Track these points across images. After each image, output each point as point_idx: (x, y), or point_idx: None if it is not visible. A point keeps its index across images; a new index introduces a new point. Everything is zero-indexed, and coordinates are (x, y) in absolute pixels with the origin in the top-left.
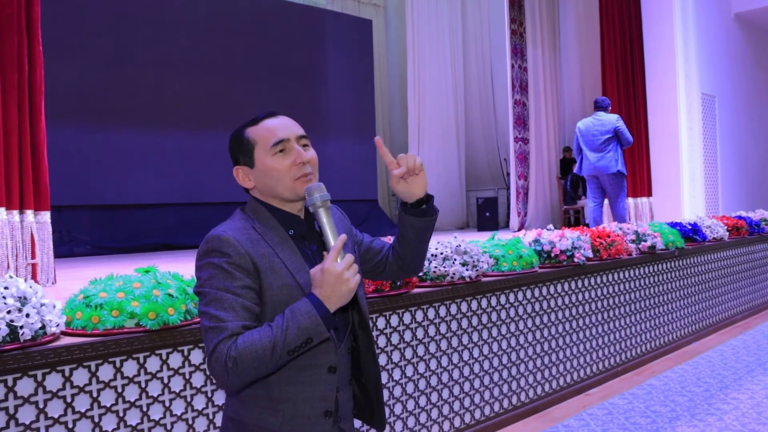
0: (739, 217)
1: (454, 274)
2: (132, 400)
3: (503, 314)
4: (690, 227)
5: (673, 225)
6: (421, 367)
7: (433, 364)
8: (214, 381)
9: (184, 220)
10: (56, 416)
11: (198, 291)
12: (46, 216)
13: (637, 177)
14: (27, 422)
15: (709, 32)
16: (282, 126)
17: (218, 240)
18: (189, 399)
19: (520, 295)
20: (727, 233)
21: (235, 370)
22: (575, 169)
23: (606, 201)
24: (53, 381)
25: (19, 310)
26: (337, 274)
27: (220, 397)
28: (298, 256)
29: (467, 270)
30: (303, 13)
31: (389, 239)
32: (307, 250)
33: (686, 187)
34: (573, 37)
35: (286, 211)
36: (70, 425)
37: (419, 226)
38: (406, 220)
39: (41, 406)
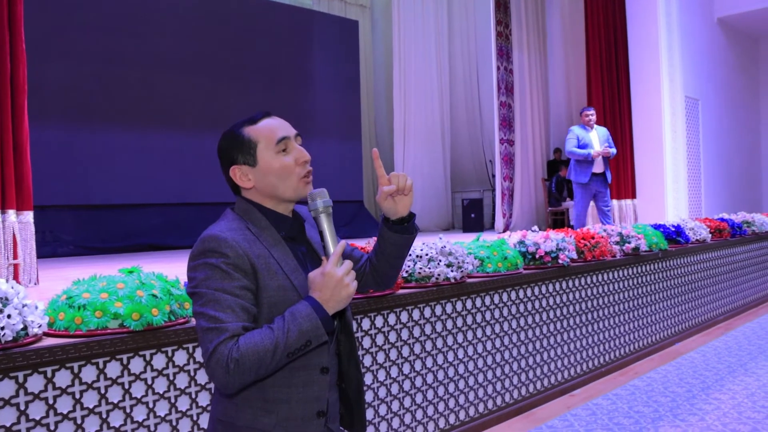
0: (722, 219)
1: (439, 275)
2: (115, 401)
3: (488, 315)
4: (673, 229)
5: (656, 227)
6: (406, 368)
7: (417, 365)
8: (211, 381)
9: (169, 221)
10: (38, 418)
11: (193, 292)
12: (28, 216)
13: (621, 179)
14: (8, 424)
15: (693, 36)
16: (282, 125)
17: (216, 240)
18: (173, 400)
19: (504, 297)
20: (710, 235)
21: (236, 372)
22: None
23: (591, 205)
24: (35, 382)
25: (0, 311)
26: (338, 279)
27: (204, 399)
28: (292, 257)
29: (452, 271)
30: (289, 13)
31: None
32: (298, 252)
33: (670, 190)
34: (559, 39)
35: (277, 212)
36: (52, 427)
37: (398, 243)
38: (386, 235)
39: (22, 407)
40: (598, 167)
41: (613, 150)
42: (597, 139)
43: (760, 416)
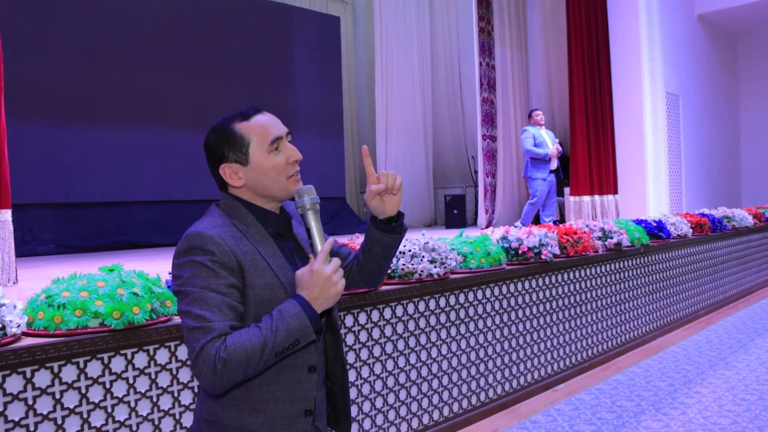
0: (703, 215)
1: (422, 271)
2: (96, 401)
3: (471, 311)
4: (655, 224)
5: (638, 222)
6: (390, 365)
7: (401, 362)
8: (198, 381)
9: (150, 219)
10: (17, 419)
11: (178, 290)
12: (6, 214)
13: (603, 175)
14: None
15: (674, 32)
16: (275, 123)
17: (201, 237)
18: (155, 399)
19: (488, 292)
20: (691, 230)
21: (224, 371)
22: None
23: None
24: (14, 383)
25: None
26: (327, 277)
27: (186, 397)
28: (279, 254)
29: (435, 267)
30: (271, 9)
31: (359, 237)
32: (285, 249)
33: (651, 185)
34: (540, 35)
35: (265, 208)
36: (32, 428)
37: (386, 242)
38: (373, 234)
39: (1, 409)
40: (553, 164)
41: (560, 149)
42: (548, 138)
43: (740, 409)
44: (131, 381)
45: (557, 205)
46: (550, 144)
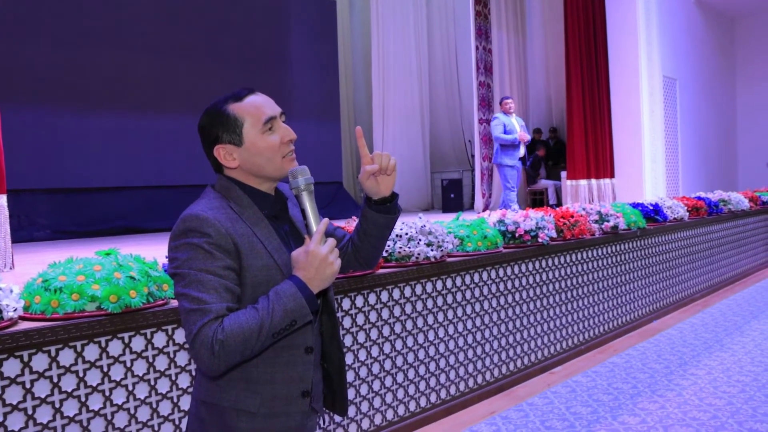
0: (699, 198)
1: (419, 254)
2: (94, 384)
3: (468, 294)
4: (651, 208)
5: (635, 205)
6: (387, 348)
7: (398, 344)
8: (196, 364)
9: (146, 204)
10: (15, 403)
11: (175, 273)
12: (2, 199)
13: (599, 158)
14: None
15: (671, 16)
16: (268, 103)
17: (197, 219)
18: (153, 382)
19: (484, 275)
20: (687, 213)
21: (222, 353)
22: None
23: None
24: (11, 367)
25: None
26: (322, 257)
27: (184, 380)
28: (275, 236)
29: (432, 250)
30: None
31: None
32: (281, 231)
33: (648, 169)
34: (538, 19)
35: (260, 190)
36: (30, 411)
37: (380, 223)
38: (368, 215)
39: None
40: (521, 151)
41: (528, 136)
42: (517, 125)
43: (735, 390)
44: (129, 364)
45: (554, 188)
46: (519, 130)
